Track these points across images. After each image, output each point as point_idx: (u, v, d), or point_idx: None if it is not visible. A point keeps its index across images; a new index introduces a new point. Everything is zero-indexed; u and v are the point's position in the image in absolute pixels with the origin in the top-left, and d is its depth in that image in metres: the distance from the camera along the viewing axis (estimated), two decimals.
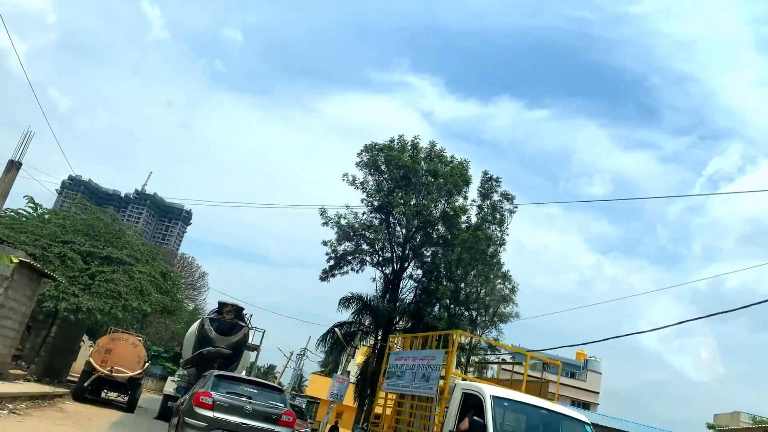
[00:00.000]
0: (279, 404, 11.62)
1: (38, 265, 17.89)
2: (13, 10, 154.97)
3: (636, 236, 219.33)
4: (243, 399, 11.28)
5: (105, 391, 22.74)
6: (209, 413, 10.71)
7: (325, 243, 33.35)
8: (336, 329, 32.31)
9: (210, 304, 64.60)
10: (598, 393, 51.99)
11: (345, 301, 34.94)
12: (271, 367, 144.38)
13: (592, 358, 54.45)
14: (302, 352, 54.86)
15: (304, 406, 42.01)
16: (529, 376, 13.52)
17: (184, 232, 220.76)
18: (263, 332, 21.86)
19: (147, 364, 21.35)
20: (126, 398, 21.83)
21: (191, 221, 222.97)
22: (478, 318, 31.28)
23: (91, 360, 20.39)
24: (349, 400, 33.79)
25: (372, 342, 34.33)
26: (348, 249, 34.04)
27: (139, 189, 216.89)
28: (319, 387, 54.98)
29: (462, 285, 31.65)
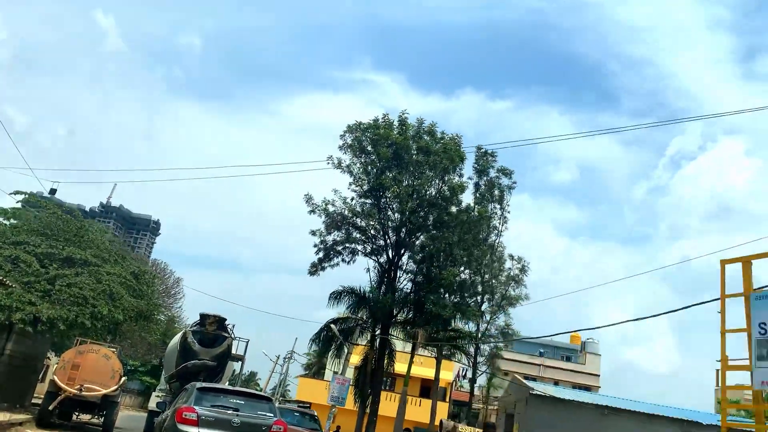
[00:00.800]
0: (268, 414, 10.86)
1: None
2: None
3: (604, 220, 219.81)
4: (229, 412, 10.48)
5: (76, 414, 19.45)
6: (194, 429, 9.95)
7: (313, 233, 30.35)
8: (332, 325, 29.34)
9: (187, 311, 61.02)
10: (598, 375, 49.89)
11: (336, 297, 31.96)
12: (253, 374, 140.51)
13: (590, 340, 52.36)
14: (289, 355, 51.60)
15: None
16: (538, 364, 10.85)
17: (153, 243, 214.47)
18: (247, 341, 20.27)
19: (123, 379, 18.17)
20: (101, 420, 18.55)
21: (160, 231, 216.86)
22: (486, 302, 28.65)
23: (56, 378, 17.11)
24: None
25: (369, 338, 31.43)
26: (338, 238, 31.11)
27: (104, 202, 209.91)
28: (308, 390, 51.94)
29: (464, 268, 28.97)
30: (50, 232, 20.91)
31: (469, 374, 56.48)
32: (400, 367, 32.78)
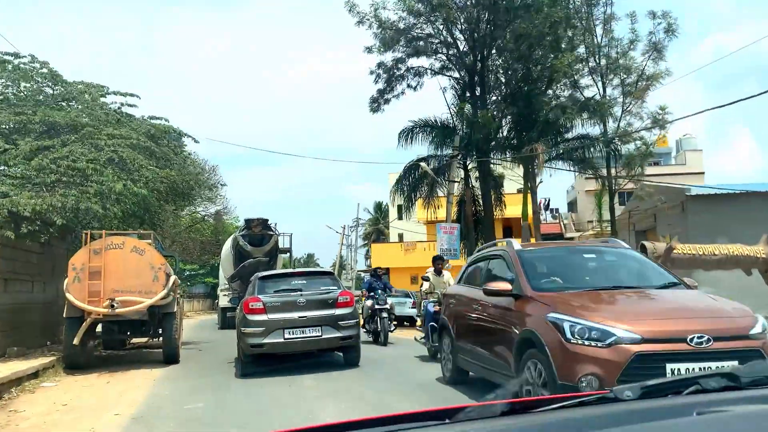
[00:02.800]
0: (332, 287, 10.75)
1: None
2: None
3: None
4: (293, 293, 10.42)
5: (126, 337, 13.39)
6: (263, 317, 9.92)
7: (368, 49, 22.70)
8: (422, 163, 22.48)
9: (232, 201, 55.10)
10: (703, 173, 42.75)
11: (407, 135, 24.88)
12: (311, 256, 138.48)
13: (687, 136, 44.78)
14: (355, 223, 45.73)
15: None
16: None
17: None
18: (290, 235, 22.38)
19: (173, 278, 11.80)
20: (160, 340, 12.43)
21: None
22: (620, 90, 21.05)
23: (71, 297, 10.75)
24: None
25: (463, 175, 24.58)
26: (400, 54, 23.42)
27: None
28: (383, 255, 46.75)
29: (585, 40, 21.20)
30: (14, 96, 13.93)
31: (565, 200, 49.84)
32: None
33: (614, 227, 21.00)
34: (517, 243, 7.96)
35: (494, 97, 23.20)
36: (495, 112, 22.13)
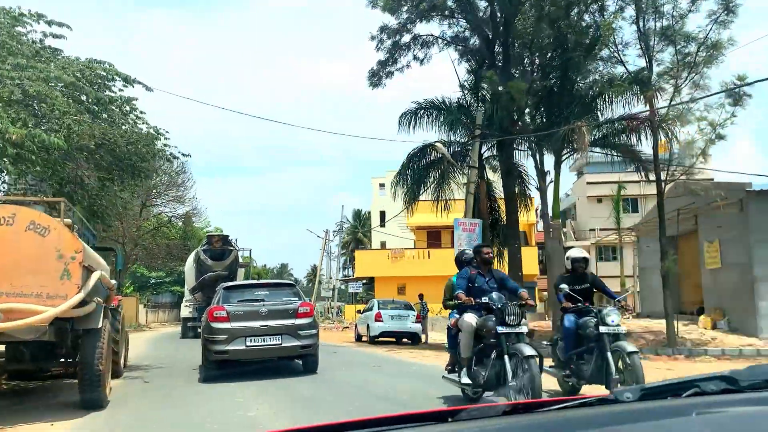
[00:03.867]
0: (293, 298, 11.12)
1: None
2: None
3: None
4: (256, 303, 10.72)
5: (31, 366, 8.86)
6: (227, 325, 10.27)
7: (372, 4, 18.58)
8: (438, 143, 18.24)
9: (201, 203, 50.30)
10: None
11: (410, 119, 20.79)
12: (284, 266, 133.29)
13: None
14: (339, 226, 41.54)
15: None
16: None
17: None
18: (250, 250, 26.23)
19: (94, 276, 7.39)
20: (75, 370, 7.90)
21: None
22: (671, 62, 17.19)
23: None
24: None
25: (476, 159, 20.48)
26: (407, 17, 19.36)
27: None
28: (367, 264, 42.55)
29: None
30: None
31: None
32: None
33: (663, 228, 17.05)
34: None
35: (521, 69, 19.20)
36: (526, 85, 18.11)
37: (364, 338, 21.82)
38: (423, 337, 20.46)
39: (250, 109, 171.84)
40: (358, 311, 22.63)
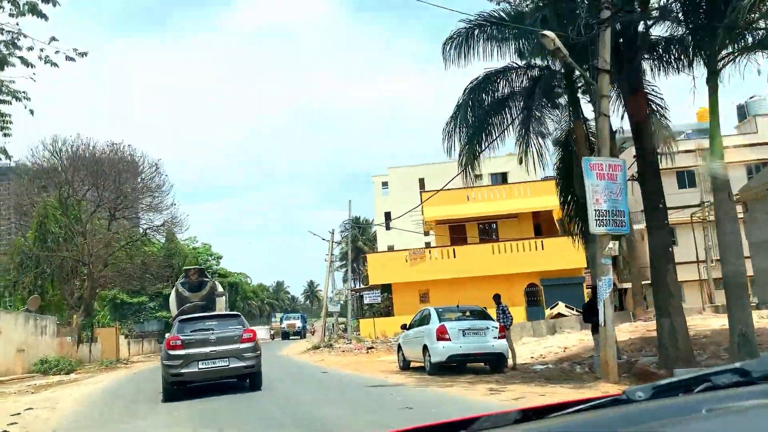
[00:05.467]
0: (237, 326, 12.39)
1: None
2: None
3: None
4: (207, 332, 12.03)
5: None
6: (182, 351, 11.56)
7: None
8: (547, 33, 11.19)
9: (182, 210, 43.19)
10: None
11: (459, 43, 13.90)
12: (280, 284, 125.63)
13: (754, 99, 35.04)
14: (348, 225, 34.69)
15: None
16: None
17: None
18: (223, 283, 27.62)
19: None
20: None
21: None
22: None
23: None
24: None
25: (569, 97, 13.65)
26: None
27: None
28: (382, 269, 35.50)
29: None
30: None
31: None
32: None
33: None
34: None
35: None
36: None
37: (414, 364, 14.88)
38: (510, 360, 13.52)
39: (231, 129, 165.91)
40: (404, 327, 15.56)
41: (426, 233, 53.72)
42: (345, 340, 29.89)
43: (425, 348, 13.44)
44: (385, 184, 55.68)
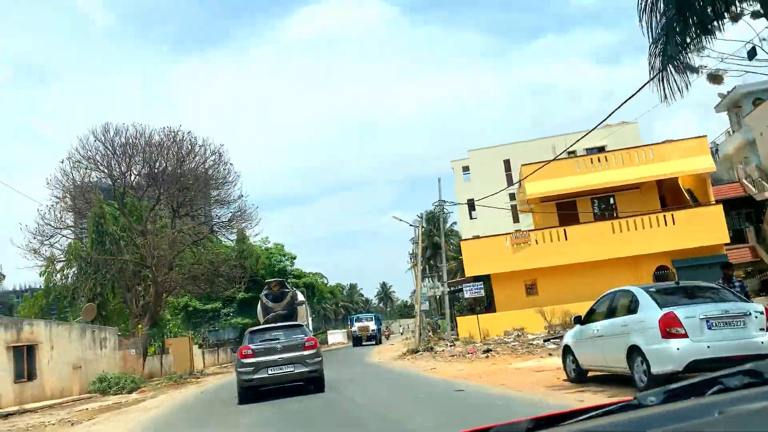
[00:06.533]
0: (300, 335, 13.76)
1: None
2: None
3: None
4: (274, 342, 13.49)
5: None
6: (252, 359, 12.94)
7: None
8: None
9: (251, 200, 40.16)
10: None
11: None
12: (353, 287, 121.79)
13: None
14: (439, 206, 29.73)
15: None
16: None
17: None
18: (303, 290, 28.56)
19: None
20: None
21: None
22: None
23: None
24: None
25: None
26: None
27: None
28: (479, 257, 30.23)
29: None
30: None
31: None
32: None
33: None
34: None
35: None
36: None
37: (593, 373, 9.74)
38: None
39: (291, 139, 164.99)
40: (577, 319, 10.37)
41: (516, 219, 48.14)
42: (446, 342, 24.86)
43: (634, 350, 8.20)
44: (466, 168, 50.40)
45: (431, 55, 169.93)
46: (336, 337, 58.25)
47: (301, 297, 24.98)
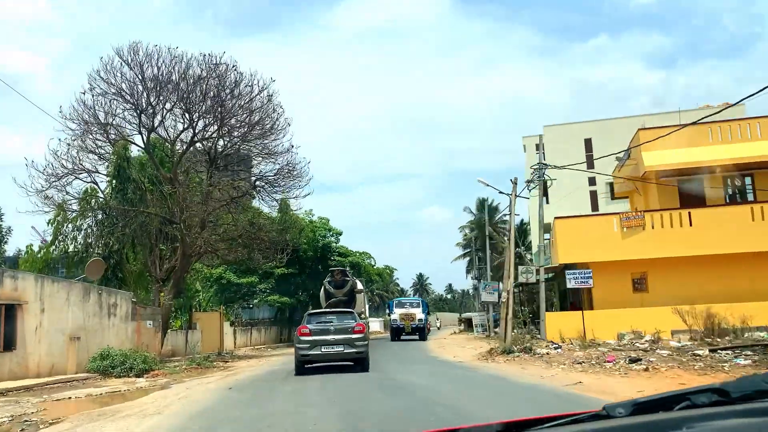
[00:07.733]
0: (351, 321, 15.51)
1: None
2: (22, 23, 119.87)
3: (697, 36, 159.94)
4: (328, 324, 15.32)
5: None
6: (309, 338, 14.84)
7: None
8: None
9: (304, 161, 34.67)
10: None
11: None
12: (420, 277, 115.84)
13: None
14: (539, 167, 23.85)
15: None
16: None
17: None
18: (363, 280, 30.32)
19: None
20: None
21: None
22: None
23: None
24: None
25: None
26: None
27: None
28: (577, 240, 24.29)
29: None
30: None
31: None
32: None
33: None
34: None
35: None
36: None
37: None
38: None
39: (338, 129, 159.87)
40: None
41: (596, 206, 41.91)
42: (543, 341, 19.11)
43: None
44: (538, 146, 44.15)
45: (481, 51, 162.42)
46: (372, 325, 52.63)
47: (360, 286, 26.65)
